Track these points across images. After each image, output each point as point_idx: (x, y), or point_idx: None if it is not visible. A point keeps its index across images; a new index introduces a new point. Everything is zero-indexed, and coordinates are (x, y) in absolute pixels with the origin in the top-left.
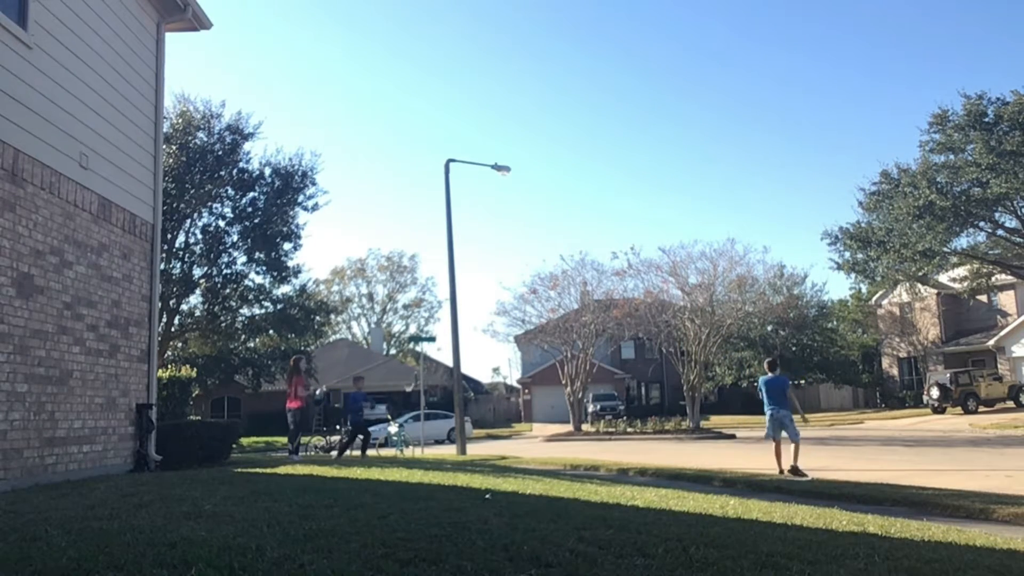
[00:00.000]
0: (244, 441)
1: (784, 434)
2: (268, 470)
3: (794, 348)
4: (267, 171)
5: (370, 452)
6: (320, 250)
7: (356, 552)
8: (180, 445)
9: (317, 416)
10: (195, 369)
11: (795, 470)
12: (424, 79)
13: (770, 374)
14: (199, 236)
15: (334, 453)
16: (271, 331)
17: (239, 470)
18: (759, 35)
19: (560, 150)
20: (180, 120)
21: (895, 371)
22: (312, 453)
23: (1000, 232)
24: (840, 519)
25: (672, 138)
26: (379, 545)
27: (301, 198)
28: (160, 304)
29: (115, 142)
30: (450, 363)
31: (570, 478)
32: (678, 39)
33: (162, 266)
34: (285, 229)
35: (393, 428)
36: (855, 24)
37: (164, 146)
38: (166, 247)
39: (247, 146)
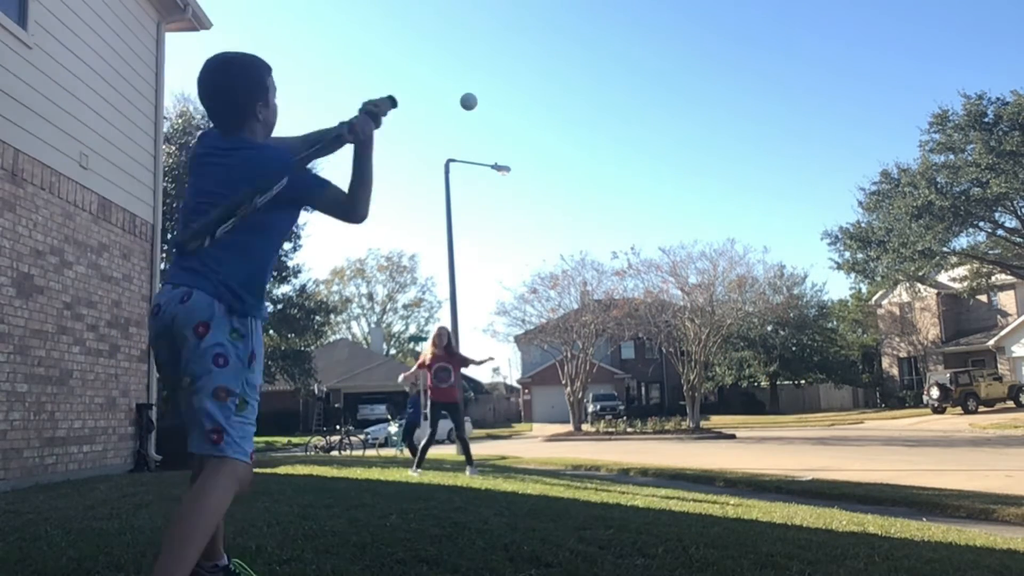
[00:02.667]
0: None
1: None
2: (268, 470)
3: (794, 348)
4: None
5: (370, 452)
6: (320, 250)
7: (356, 552)
8: (180, 445)
9: (317, 416)
10: None
11: None
12: (424, 78)
13: None
14: None
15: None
16: (271, 331)
17: None
18: (759, 38)
19: (560, 150)
20: (180, 120)
21: (895, 371)
22: (312, 453)
23: (1000, 232)
24: (840, 519)
25: (672, 137)
26: (379, 545)
27: None
28: None
29: (115, 142)
30: None
31: (570, 478)
32: (678, 41)
33: (162, 266)
34: None
35: (393, 428)
36: (855, 23)
37: (164, 146)
38: (166, 247)
39: None
